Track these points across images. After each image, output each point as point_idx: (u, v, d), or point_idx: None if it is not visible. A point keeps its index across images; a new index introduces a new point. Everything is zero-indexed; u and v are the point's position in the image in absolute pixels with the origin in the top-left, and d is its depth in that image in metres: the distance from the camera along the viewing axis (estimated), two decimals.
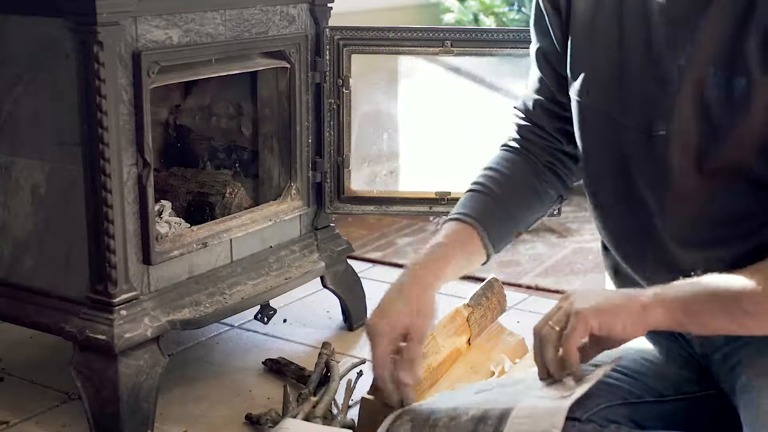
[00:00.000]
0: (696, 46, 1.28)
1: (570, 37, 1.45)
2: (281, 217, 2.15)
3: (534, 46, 1.55)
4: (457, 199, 2.19)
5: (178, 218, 2.02)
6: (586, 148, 1.46)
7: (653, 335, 1.52)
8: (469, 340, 1.91)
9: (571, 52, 1.45)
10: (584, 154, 1.47)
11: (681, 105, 1.30)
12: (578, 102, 1.45)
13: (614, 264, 1.53)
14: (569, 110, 1.49)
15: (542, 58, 1.54)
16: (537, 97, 1.55)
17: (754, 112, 1.24)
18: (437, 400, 1.45)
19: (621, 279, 1.52)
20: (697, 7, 1.28)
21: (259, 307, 2.20)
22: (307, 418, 1.78)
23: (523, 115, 1.59)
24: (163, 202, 2.06)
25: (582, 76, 1.43)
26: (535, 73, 1.56)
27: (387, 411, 1.72)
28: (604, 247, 1.55)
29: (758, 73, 1.23)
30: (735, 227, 1.32)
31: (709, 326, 1.27)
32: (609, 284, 1.59)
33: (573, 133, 1.49)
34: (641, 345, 1.51)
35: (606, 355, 1.33)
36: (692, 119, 1.30)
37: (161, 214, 2.01)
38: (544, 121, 1.55)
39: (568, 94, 1.48)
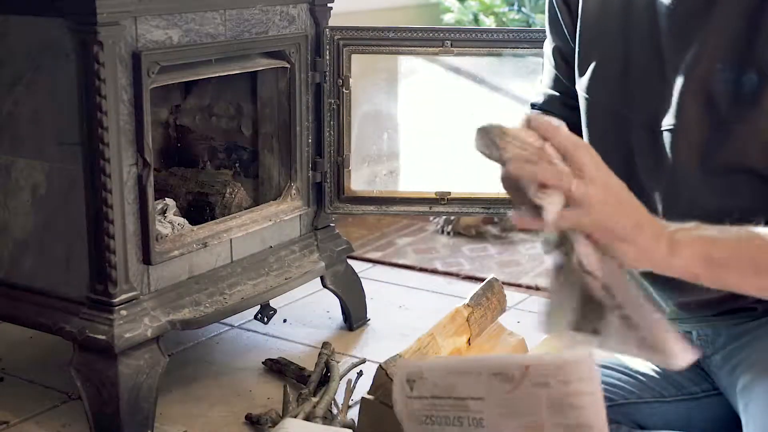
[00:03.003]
0: (703, 42, 1.28)
1: (578, 33, 1.46)
2: (281, 217, 2.15)
3: (548, 43, 1.56)
4: (457, 200, 2.22)
5: (182, 219, 2.02)
6: (593, 144, 1.46)
7: None
8: (469, 340, 1.91)
9: (579, 47, 1.46)
10: None
11: (686, 101, 1.30)
12: (585, 98, 1.45)
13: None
14: None
15: (557, 55, 1.54)
16: (553, 92, 1.56)
17: (763, 107, 1.24)
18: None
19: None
20: (705, 3, 1.28)
21: (259, 307, 2.20)
22: (307, 418, 1.78)
23: (541, 111, 1.59)
24: (166, 200, 2.06)
25: (589, 71, 1.43)
26: (549, 70, 1.57)
27: (387, 411, 1.73)
28: None
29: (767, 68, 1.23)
30: (738, 224, 1.32)
31: (729, 283, 1.15)
32: None
33: None
34: None
35: None
36: (698, 115, 1.30)
37: (165, 212, 2.01)
38: (562, 113, 1.55)
39: None
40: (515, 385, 1.14)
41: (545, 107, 1.59)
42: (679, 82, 1.31)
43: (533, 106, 1.62)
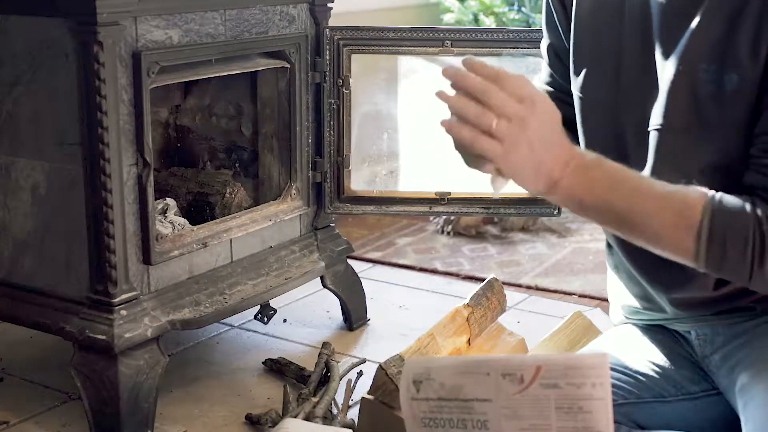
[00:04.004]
0: (690, 42, 1.29)
1: (573, 32, 1.46)
2: (281, 217, 2.15)
3: (544, 41, 1.57)
4: (457, 199, 2.22)
5: (182, 219, 2.01)
6: (589, 144, 1.47)
7: (654, 335, 1.52)
8: (469, 340, 1.91)
9: (574, 47, 1.46)
10: (587, 150, 1.48)
11: (673, 101, 1.31)
12: (579, 97, 1.45)
13: (617, 263, 1.53)
14: None
15: (552, 53, 1.55)
16: (548, 88, 1.57)
17: (743, 107, 1.25)
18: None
19: (624, 278, 1.52)
20: (692, 3, 1.29)
21: (259, 307, 2.20)
22: (307, 418, 1.78)
23: None
24: (167, 200, 2.06)
25: (584, 71, 1.44)
26: (545, 67, 1.58)
27: (387, 411, 1.73)
28: (608, 246, 1.55)
29: (749, 68, 1.24)
30: None
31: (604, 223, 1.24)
32: (611, 283, 1.59)
33: None
34: (642, 346, 1.51)
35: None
36: (685, 115, 1.31)
37: (165, 212, 2.01)
38: (560, 110, 1.56)
39: None
40: (525, 386, 1.14)
41: None
42: (666, 81, 1.32)
43: None
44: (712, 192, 1.21)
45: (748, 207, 1.20)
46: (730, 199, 1.21)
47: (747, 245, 1.19)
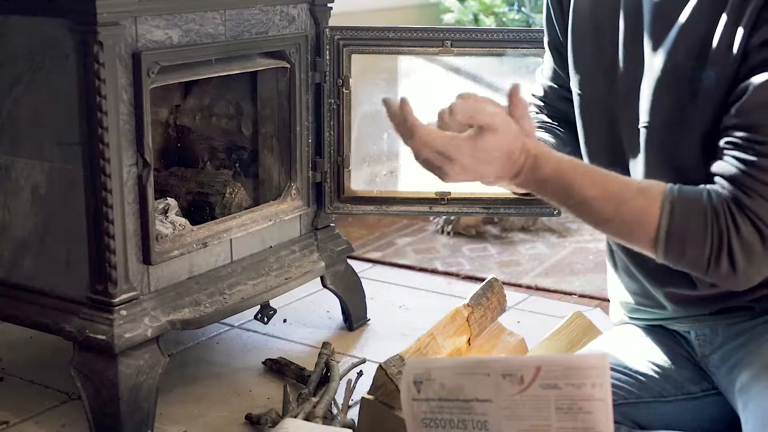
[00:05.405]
0: (676, 40, 1.30)
1: (571, 31, 1.47)
2: (281, 217, 2.15)
3: (545, 38, 1.57)
4: (456, 200, 2.22)
5: (183, 219, 2.01)
6: (588, 141, 1.48)
7: (654, 335, 1.52)
8: (469, 340, 1.91)
9: (572, 46, 1.47)
10: (586, 148, 1.49)
11: (658, 98, 1.32)
12: (579, 95, 1.46)
13: (616, 261, 1.53)
14: None
15: (553, 50, 1.56)
16: (551, 84, 1.58)
17: (720, 105, 1.25)
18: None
19: (624, 275, 1.53)
20: (680, 3, 1.30)
21: (259, 307, 2.20)
22: (307, 418, 1.78)
23: (541, 102, 1.61)
24: (168, 200, 2.06)
25: (582, 69, 1.45)
26: (548, 63, 1.59)
27: (387, 411, 1.73)
28: (609, 246, 1.55)
29: (725, 66, 1.24)
30: None
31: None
32: (611, 281, 1.59)
33: None
34: (642, 346, 1.51)
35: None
36: (670, 112, 1.31)
37: (167, 212, 2.01)
38: (559, 105, 1.57)
39: None
40: (525, 387, 1.15)
41: (545, 99, 1.61)
42: (653, 78, 1.32)
43: (534, 96, 1.64)
44: (670, 185, 1.22)
45: (704, 201, 1.21)
46: (688, 194, 1.22)
47: (705, 244, 1.20)
